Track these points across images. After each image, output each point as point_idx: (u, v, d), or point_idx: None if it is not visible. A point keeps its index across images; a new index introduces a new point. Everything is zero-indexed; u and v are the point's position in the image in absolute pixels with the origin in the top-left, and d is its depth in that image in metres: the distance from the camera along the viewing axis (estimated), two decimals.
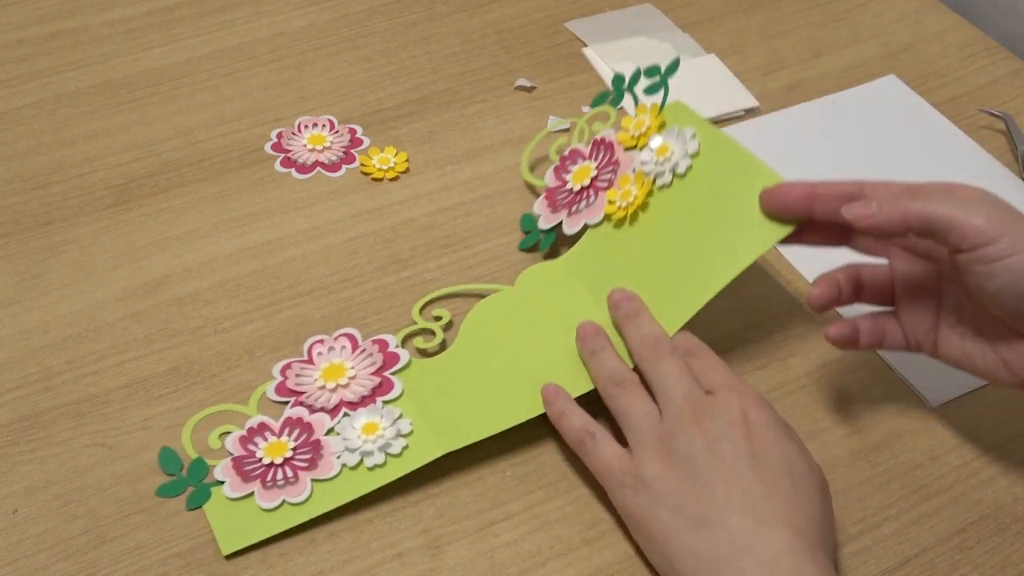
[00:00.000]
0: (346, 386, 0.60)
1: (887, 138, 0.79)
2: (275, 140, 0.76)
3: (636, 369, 0.58)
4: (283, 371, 0.61)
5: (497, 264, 0.69)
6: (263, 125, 0.78)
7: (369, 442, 0.57)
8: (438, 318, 0.65)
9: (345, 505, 0.56)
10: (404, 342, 0.63)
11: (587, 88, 0.82)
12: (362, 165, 0.75)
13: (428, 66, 0.83)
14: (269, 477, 0.56)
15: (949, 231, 0.52)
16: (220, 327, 0.65)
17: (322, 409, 0.59)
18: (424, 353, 0.63)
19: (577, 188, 0.68)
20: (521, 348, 0.62)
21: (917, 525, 0.57)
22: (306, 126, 0.77)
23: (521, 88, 0.82)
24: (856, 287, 0.59)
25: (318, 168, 0.75)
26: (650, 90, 0.68)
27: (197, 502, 0.56)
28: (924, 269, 0.58)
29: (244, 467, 0.57)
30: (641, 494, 0.53)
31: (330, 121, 0.78)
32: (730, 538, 0.50)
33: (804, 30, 0.88)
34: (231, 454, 0.58)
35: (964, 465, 0.60)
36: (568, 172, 0.69)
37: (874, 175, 0.75)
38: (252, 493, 0.56)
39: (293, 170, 0.74)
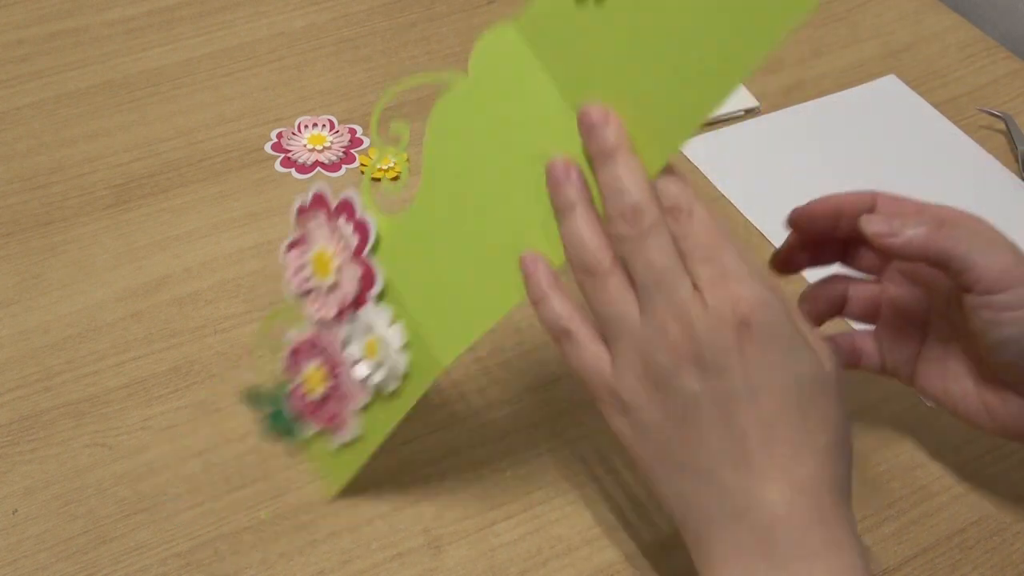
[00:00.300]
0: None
1: (887, 138, 0.79)
2: (275, 140, 0.76)
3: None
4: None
5: None
6: (263, 125, 0.78)
7: (377, 367, 0.53)
8: (396, 139, 0.57)
9: (345, 505, 0.56)
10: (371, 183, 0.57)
11: None
12: (362, 165, 0.75)
13: (428, 66, 0.83)
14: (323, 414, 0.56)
15: (966, 271, 0.49)
16: (220, 327, 0.65)
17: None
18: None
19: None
20: (495, 188, 0.50)
21: (917, 525, 0.57)
22: (306, 126, 0.77)
23: None
24: (841, 302, 0.57)
25: (318, 168, 0.75)
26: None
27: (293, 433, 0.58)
28: (917, 297, 0.55)
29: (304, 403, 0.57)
30: (622, 416, 0.46)
31: (330, 121, 0.78)
32: (722, 497, 0.44)
33: (804, 30, 0.88)
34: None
35: (964, 465, 0.60)
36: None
37: (874, 175, 0.75)
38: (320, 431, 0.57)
39: (293, 170, 0.74)
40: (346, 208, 0.54)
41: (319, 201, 0.55)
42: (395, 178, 0.74)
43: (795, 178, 0.75)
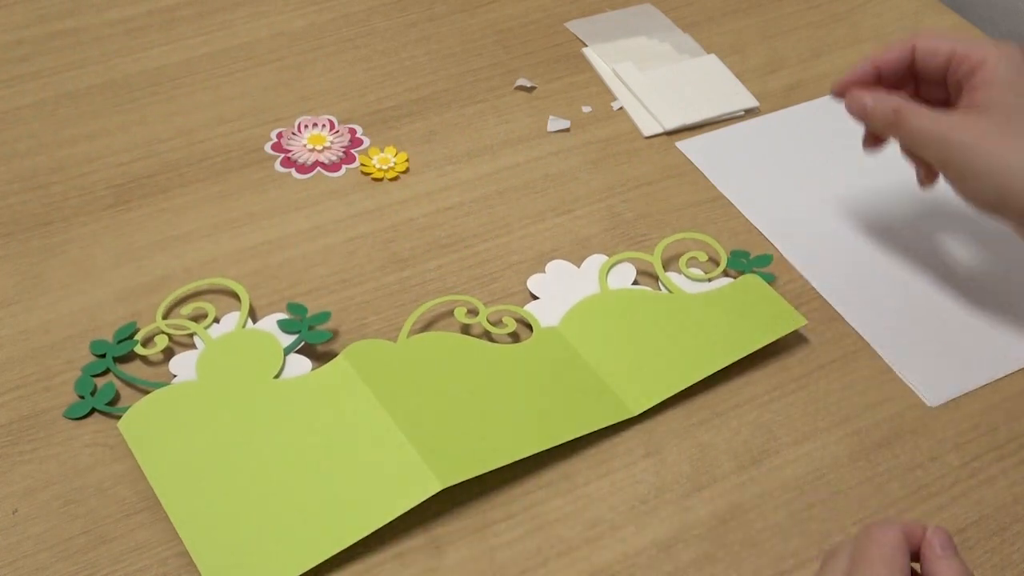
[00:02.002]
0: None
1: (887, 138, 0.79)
2: (275, 140, 0.76)
3: None
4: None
5: (497, 264, 0.69)
6: (263, 125, 0.78)
7: None
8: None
9: None
10: None
11: (587, 88, 0.82)
12: (362, 165, 0.75)
13: (428, 66, 0.83)
14: None
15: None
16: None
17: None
18: None
19: None
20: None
21: None
22: (306, 126, 0.77)
23: (521, 88, 0.82)
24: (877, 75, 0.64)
25: (318, 168, 0.74)
26: None
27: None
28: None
29: None
30: None
31: (330, 121, 0.78)
32: None
33: (804, 30, 0.88)
34: None
35: (964, 465, 0.60)
36: None
37: (874, 175, 0.75)
38: None
39: (293, 170, 0.74)
40: None
41: None
42: (395, 178, 0.74)
43: (795, 178, 0.75)
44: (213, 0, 0.88)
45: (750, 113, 0.81)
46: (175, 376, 0.61)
